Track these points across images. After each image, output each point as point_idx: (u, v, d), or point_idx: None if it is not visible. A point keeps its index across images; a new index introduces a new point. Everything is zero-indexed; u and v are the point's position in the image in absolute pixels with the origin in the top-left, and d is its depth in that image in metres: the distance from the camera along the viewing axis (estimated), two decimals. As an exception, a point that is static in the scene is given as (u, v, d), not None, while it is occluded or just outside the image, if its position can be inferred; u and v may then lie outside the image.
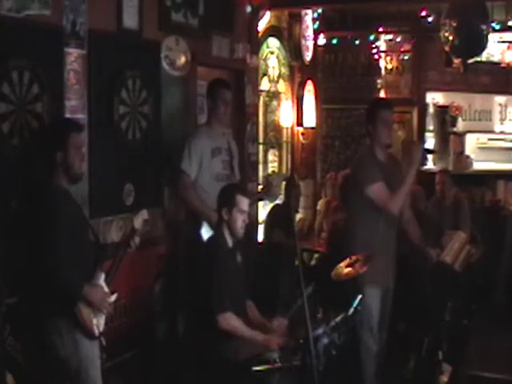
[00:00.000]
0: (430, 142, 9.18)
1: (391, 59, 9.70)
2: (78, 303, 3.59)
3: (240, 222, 4.34)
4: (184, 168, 5.07)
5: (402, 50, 9.61)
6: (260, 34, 7.10)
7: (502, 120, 9.75)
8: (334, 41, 9.26)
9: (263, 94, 7.67)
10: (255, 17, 6.82)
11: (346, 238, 5.08)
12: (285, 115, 8.13)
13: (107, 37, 4.63)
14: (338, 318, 4.54)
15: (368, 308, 4.74)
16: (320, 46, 9.01)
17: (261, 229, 7.09)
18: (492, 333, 4.67)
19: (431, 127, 9.37)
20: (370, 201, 4.78)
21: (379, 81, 9.74)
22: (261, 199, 6.39)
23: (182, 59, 5.39)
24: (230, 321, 4.12)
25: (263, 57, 7.60)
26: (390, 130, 4.96)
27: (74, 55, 4.31)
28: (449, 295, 4.94)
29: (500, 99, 9.69)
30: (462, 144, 9.30)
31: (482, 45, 7.34)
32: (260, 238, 7.05)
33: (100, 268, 3.76)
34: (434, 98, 9.41)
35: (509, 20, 8.50)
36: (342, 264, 5.71)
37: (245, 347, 4.10)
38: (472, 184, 8.58)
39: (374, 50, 9.66)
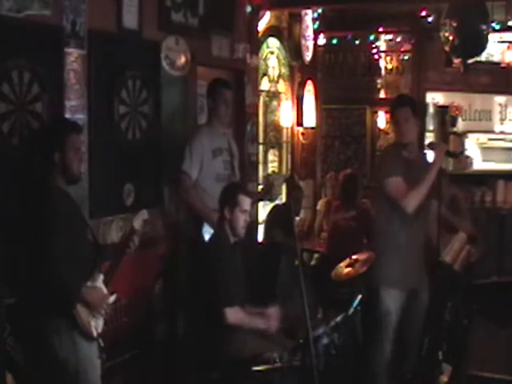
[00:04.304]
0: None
1: (391, 59, 9.71)
2: (76, 304, 3.59)
3: (242, 221, 4.35)
4: (185, 168, 5.07)
5: (402, 49, 9.62)
6: (260, 34, 7.09)
7: (502, 120, 9.75)
8: (334, 41, 9.26)
9: (263, 93, 7.66)
10: (255, 17, 6.82)
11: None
12: (285, 115, 8.13)
13: (107, 37, 4.63)
14: (338, 318, 4.55)
15: (385, 308, 4.70)
16: (320, 46, 9.00)
17: (261, 229, 7.09)
18: (492, 333, 4.67)
19: (431, 127, 9.35)
20: (388, 196, 4.67)
21: (379, 81, 9.75)
22: (261, 199, 6.38)
23: (182, 59, 5.39)
24: (238, 314, 4.15)
25: (263, 57, 7.60)
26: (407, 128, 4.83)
27: (74, 55, 4.31)
28: (449, 295, 4.94)
29: (500, 99, 9.69)
30: (462, 144, 9.30)
31: (482, 45, 7.33)
32: (260, 237, 7.05)
33: (99, 269, 3.76)
34: (434, 98, 9.40)
35: (509, 20, 8.50)
36: (342, 264, 5.74)
37: (245, 347, 4.11)
38: (472, 184, 8.58)
39: (374, 50, 9.67)
